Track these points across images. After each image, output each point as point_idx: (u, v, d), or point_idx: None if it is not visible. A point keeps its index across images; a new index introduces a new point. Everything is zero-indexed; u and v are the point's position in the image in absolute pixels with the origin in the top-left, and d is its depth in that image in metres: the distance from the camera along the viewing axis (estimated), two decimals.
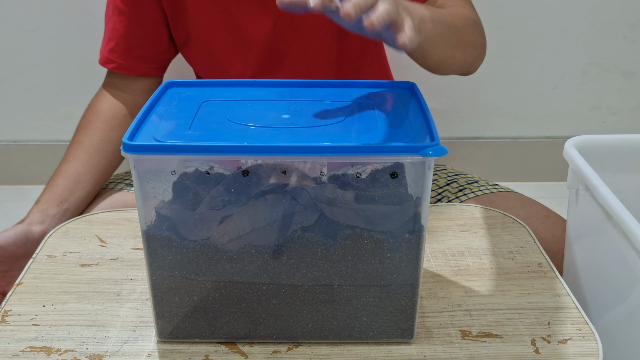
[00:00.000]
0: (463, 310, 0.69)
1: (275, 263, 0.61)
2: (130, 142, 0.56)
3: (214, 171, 0.59)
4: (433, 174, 0.85)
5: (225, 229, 0.60)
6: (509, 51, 1.72)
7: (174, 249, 0.60)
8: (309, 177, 0.59)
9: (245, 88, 0.71)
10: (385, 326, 0.64)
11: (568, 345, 0.64)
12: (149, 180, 0.58)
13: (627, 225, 0.64)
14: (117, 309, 0.70)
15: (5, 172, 1.86)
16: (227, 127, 0.61)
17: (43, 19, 1.66)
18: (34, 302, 0.70)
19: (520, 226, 0.84)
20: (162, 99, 0.67)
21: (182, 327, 0.64)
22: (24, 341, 0.65)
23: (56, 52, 1.70)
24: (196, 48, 1.04)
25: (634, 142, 0.80)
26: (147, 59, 1.05)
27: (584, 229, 0.77)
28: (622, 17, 1.71)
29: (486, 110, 1.81)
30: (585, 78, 1.78)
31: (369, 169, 0.58)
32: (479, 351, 0.64)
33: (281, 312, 0.63)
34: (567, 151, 0.77)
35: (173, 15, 1.01)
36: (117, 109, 1.03)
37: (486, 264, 0.77)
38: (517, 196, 0.98)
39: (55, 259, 0.78)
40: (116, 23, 1.02)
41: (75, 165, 0.97)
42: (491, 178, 1.22)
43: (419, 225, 0.60)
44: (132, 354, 0.63)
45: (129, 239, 0.82)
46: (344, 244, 0.60)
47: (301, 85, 0.71)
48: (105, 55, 1.05)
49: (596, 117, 1.83)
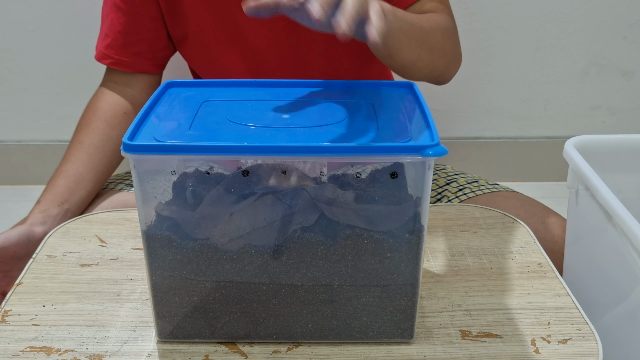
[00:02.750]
0: (463, 310, 0.69)
1: (275, 263, 0.61)
2: (130, 142, 0.56)
3: (214, 171, 0.59)
4: (433, 173, 0.85)
5: (225, 229, 0.60)
6: (509, 51, 1.72)
7: (174, 249, 0.60)
8: (309, 177, 0.59)
9: (245, 88, 0.71)
10: (385, 326, 0.64)
11: (568, 345, 0.64)
12: (149, 180, 0.58)
13: (627, 225, 0.64)
14: (117, 309, 0.70)
15: (5, 172, 1.86)
16: (227, 127, 0.61)
17: (43, 19, 1.66)
18: (34, 302, 0.70)
19: (520, 226, 0.84)
20: (162, 99, 0.67)
21: (182, 327, 0.64)
22: (24, 341, 0.65)
23: (56, 52, 1.70)
24: (193, 46, 1.04)
25: (634, 142, 0.80)
26: (145, 56, 1.04)
27: (584, 229, 0.77)
28: (622, 17, 1.71)
29: (486, 110, 1.81)
30: (585, 78, 1.78)
31: (369, 169, 0.58)
32: (479, 351, 0.64)
33: (281, 312, 0.63)
34: (567, 151, 0.77)
35: (169, 12, 1.01)
36: (117, 107, 1.03)
37: (486, 264, 0.77)
38: (517, 196, 0.98)
39: (55, 259, 0.78)
40: (114, 19, 1.02)
41: (76, 165, 0.97)
42: (491, 178, 1.22)
43: (419, 225, 0.60)
44: (132, 354, 0.63)
45: (129, 239, 0.82)
46: (344, 244, 0.60)
47: (301, 85, 0.71)
48: (101, 50, 1.04)
49: (596, 117, 1.84)
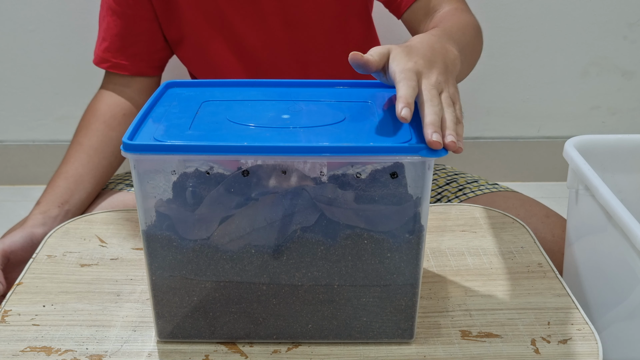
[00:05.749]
0: (463, 310, 0.69)
1: (275, 263, 0.61)
2: (130, 142, 0.56)
3: (214, 171, 0.59)
4: (433, 173, 0.85)
5: (225, 229, 0.60)
6: (509, 51, 1.72)
7: (174, 249, 0.60)
8: (309, 177, 0.59)
9: (245, 88, 0.71)
10: (385, 326, 0.64)
11: (568, 345, 0.64)
12: (149, 180, 0.58)
13: (627, 225, 0.64)
14: (117, 309, 0.70)
15: (5, 172, 1.86)
16: (227, 127, 0.61)
17: (43, 19, 1.66)
18: (34, 302, 0.70)
19: (520, 226, 0.84)
20: (162, 99, 0.67)
21: (182, 327, 0.64)
22: (24, 341, 0.65)
23: (56, 52, 1.70)
24: (189, 48, 1.04)
25: (634, 142, 0.80)
26: (142, 58, 1.05)
27: (584, 229, 0.77)
28: (622, 17, 1.71)
29: (486, 110, 1.81)
30: (585, 78, 1.78)
31: (369, 169, 0.58)
32: (479, 351, 0.64)
33: (281, 312, 0.63)
34: (567, 151, 0.77)
35: (164, 14, 1.01)
36: (116, 109, 1.03)
37: (486, 264, 0.77)
38: (517, 196, 0.98)
39: (55, 259, 0.78)
40: (110, 23, 1.02)
41: (75, 166, 0.97)
42: (491, 178, 1.22)
43: (419, 225, 0.60)
44: (132, 354, 0.63)
45: (129, 239, 0.82)
46: (344, 244, 0.60)
47: (301, 85, 0.71)
48: (99, 54, 1.05)
49: (596, 117, 1.84)
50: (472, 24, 0.90)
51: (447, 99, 0.61)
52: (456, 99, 0.63)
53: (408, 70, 0.61)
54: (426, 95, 0.60)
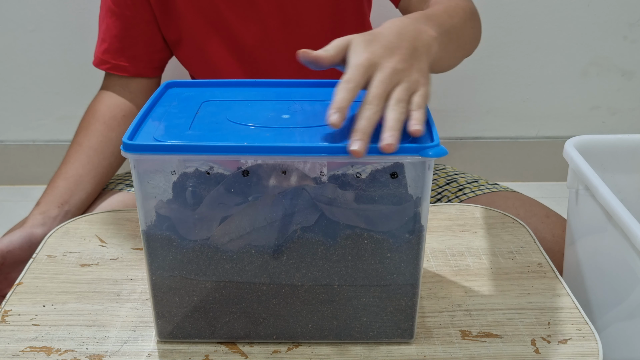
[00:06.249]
0: (463, 310, 0.69)
1: (275, 263, 0.61)
2: (130, 142, 0.56)
3: (214, 171, 0.59)
4: (433, 173, 0.85)
5: (225, 229, 0.60)
6: (509, 51, 1.72)
7: (174, 249, 0.60)
8: (309, 177, 0.59)
9: (245, 88, 0.71)
10: (385, 326, 0.64)
11: (568, 345, 0.64)
12: (149, 180, 0.58)
13: (627, 225, 0.64)
14: (117, 309, 0.70)
15: (5, 172, 1.86)
16: (227, 127, 0.61)
17: (43, 19, 1.66)
18: (34, 302, 0.70)
19: (520, 226, 0.84)
20: (162, 99, 0.67)
21: (182, 327, 0.64)
22: (24, 341, 0.65)
23: (56, 52, 1.70)
24: (188, 48, 1.05)
25: (634, 142, 0.80)
26: (142, 59, 1.05)
27: (584, 229, 0.77)
28: (622, 17, 1.71)
29: (486, 110, 1.81)
30: (585, 78, 1.78)
31: (369, 169, 0.58)
32: (479, 351, 0.64)
33: (281, 312, 0.63)
34: (567, 151, 0.77)
35: (162, 15, 1.02)
36: (116, 110, 1.03)
37: (486, 264, 0.77)
38: (517, 196, 0.98)
39: (55, 259, 0.78)
40: (109, 24, 1.03)
41: (75, 166, 0.97)
42: (491, 178, 1.22)
43: (419, 225, 0.60)
44: (132, 354, 0.63)
45: (129, 239, 0.82)
46: (344, 244, 0.60)
47: (301, 85, 0.71)
48: (99, 56, 1.05)
49: (596, 117, 1.84)
50: (465, 7, 0.87)
51: (400, 92, 0.58)
52: (420, 85, 0.60)
53: (359, 65, 0.59)
54: (369, 95, 0.58)
